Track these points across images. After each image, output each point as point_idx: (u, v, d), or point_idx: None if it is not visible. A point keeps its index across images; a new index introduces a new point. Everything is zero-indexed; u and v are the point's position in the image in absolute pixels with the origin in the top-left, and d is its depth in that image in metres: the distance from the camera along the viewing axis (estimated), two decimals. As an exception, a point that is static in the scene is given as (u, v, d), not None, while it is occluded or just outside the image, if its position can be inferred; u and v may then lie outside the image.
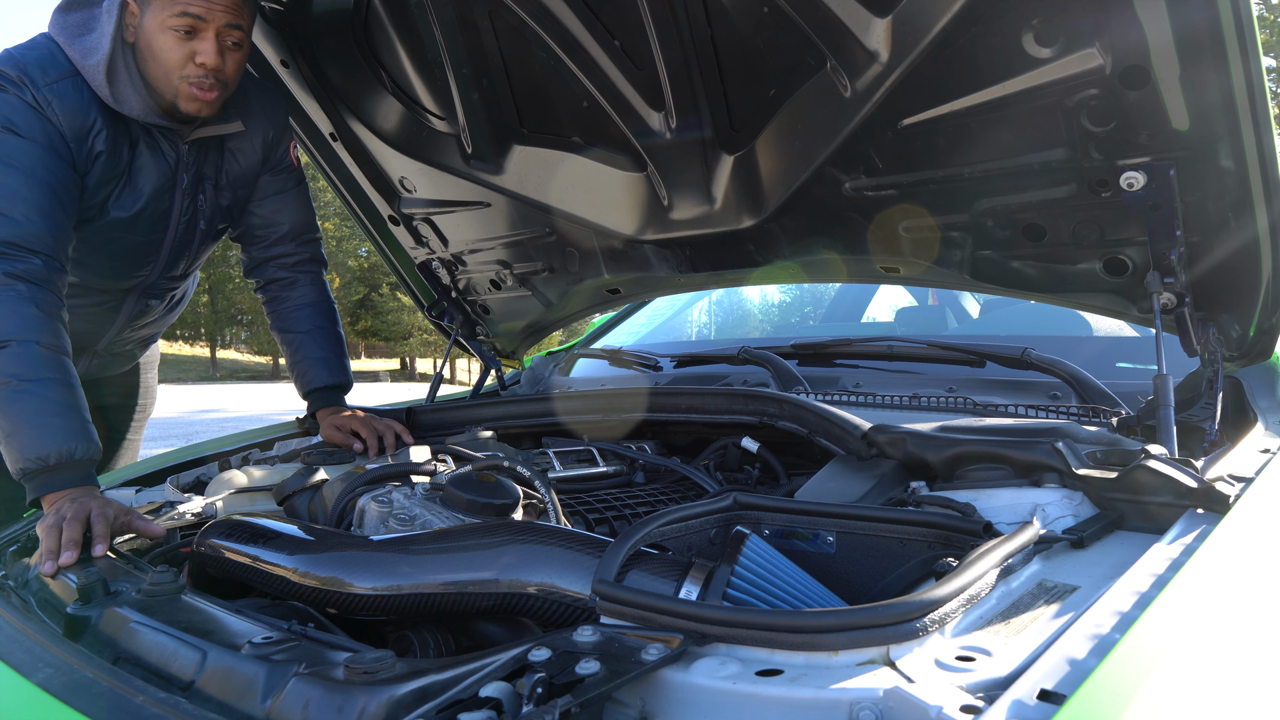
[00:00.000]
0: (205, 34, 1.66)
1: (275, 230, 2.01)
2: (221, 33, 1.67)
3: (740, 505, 1.12)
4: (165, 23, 1.64)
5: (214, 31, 1.66)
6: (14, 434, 1.47)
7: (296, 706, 0.79)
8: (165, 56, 1.66)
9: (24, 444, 1.47)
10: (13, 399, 1.48)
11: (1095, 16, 1.21)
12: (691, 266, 2.02)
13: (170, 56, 1.66)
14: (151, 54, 1.67)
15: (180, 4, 1.62)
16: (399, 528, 1.27)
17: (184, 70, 1.67)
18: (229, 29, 1.67)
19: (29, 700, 0.90)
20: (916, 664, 0.72)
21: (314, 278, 2.07)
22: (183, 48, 1.65)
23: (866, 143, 1.55)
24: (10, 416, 1.48)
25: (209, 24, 1.65)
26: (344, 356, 2.06)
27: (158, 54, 1.66)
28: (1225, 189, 1.29)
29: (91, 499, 1.41)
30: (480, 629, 1.10)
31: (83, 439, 1.51)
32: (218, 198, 1.92)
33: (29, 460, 1.46)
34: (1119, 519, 1.07)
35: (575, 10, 1.62)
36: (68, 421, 1.50)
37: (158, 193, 1.81)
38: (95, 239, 1.78)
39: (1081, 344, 2.10)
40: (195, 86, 1.68)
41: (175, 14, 1.63)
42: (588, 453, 1.73)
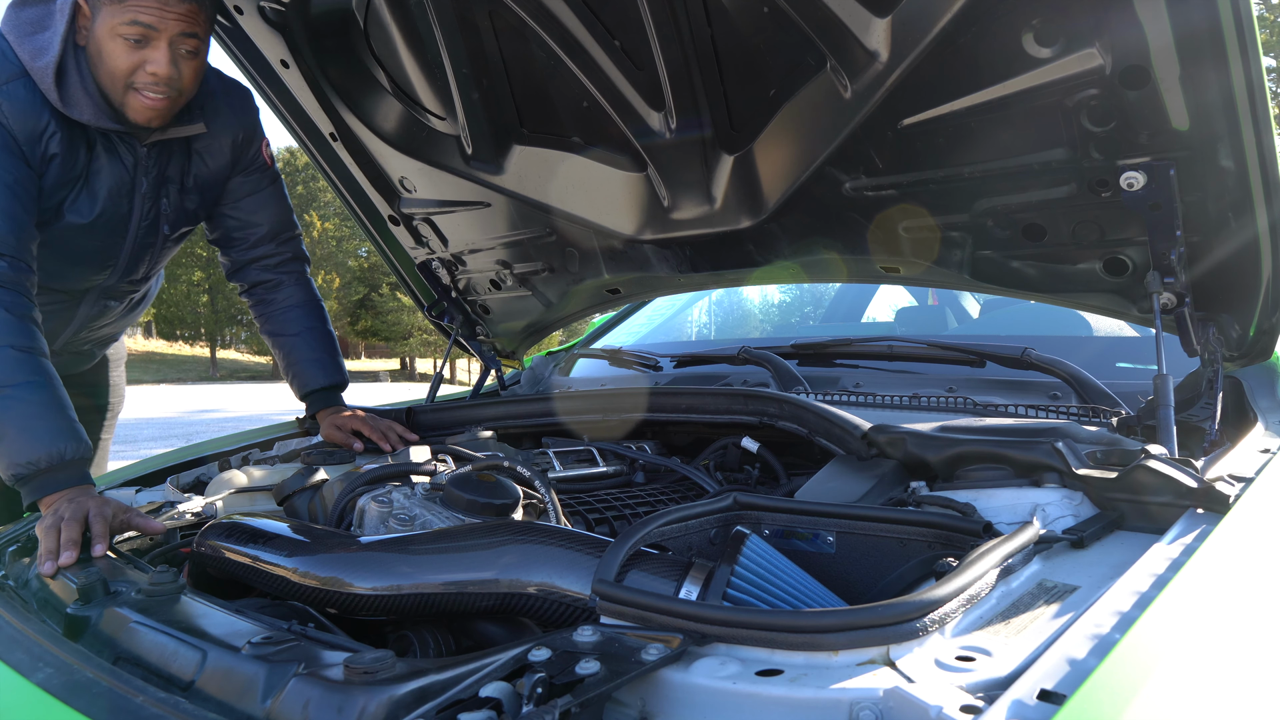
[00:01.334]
0: (157, 43, 1.60)
1: (254, 232, 1.98)
2: (175, 41, 1.62)
3: (740, 505, 1.12)
4: (115, 29, 1.58)
5: (167, 41, 1.61)
6: (1, 441, 1.46)
7: (296, 706, 0.79)
8: (114, 64, 1.61)
9: (13, 450, 1.45)
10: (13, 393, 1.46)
11: (1095, 16, 1.21)
12: (691, 266, 2.02)
13: (119, 64, 1.60)
14: (101, 61, 1.62)
15: (131, 12, 1.57)
16: (399, 528, 1.27)
17: (132, 78, 1.62)
18: (183, 38, 1.62)
19: (29, 700, 0.90)
20: (916, 664, 0.72)
21: (298, 277, 2.04)
22: (133, 56, 1.60)
23: (866, 143, 1.55)
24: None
25: (161, 33, 1.60)
26: (337, 355, 2.05)
27: (106, 60, 1.61)
28: (1225, 189, 1.29)
29: (89, 499, 1.41)
30: (480, 629, 1.10)
31: (72, 438, 1.49)
32: (183, 201, 1.88)
33: (20, 466, 1.46)
34: (1119, 519, 1.07)
35: (575, 10, 1.62)
36: (54, 423, 1.49)
37: (115, 197, 1.76)
38: (51, 242, 1.74)
39: (1081, 344, 2.10)
40: (144, 95, 1.63)
41: (126, 22, 1.58)
42: (588, 453, 1.73)
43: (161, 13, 1.58)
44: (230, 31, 2.00)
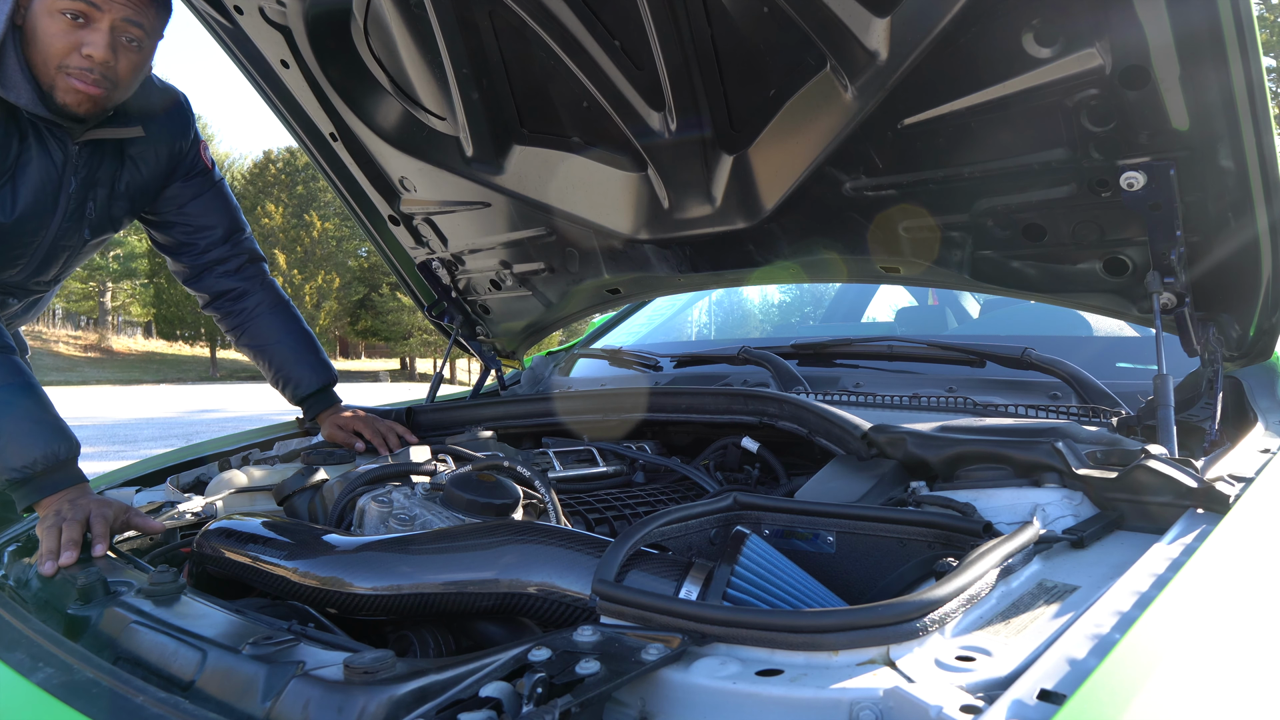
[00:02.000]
0: (98, 24, 1.53)
1: (204, 235, 1.93)
2: (117, 26, 1.54)
3: (740, 505, 1.12)
4: (55, 5, 1.50)
5: (109, 24, 1.53)
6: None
7: (296, 706, 0.79)
8: (49, 42, 1.52)
9: (7, 455, 1.43)
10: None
11: (1095, 16, 1.21)
12: (691, 266, 2.02)
13: (55, 43, 1.52)
14: (36, 39, 1.53)
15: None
16: (399, 528, 1.27)
17: (66, 59, 1.53)
18: (127, 24, 1.55)
19: (29, 700, 0.90)
20: (916, 664, 0.72)
21: (261, 280, 2.00)
22: (70, 36, 1.52)
23: (866, 143, 1.55)
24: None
25: (104, 13, 1.52)
26: (321, 352, 2.01)
27: (41, 38, 1.52)
28: (1225, 189, 1.29)
29: (88, 499, 1.41)
30: (480, 629, 1.10)
31: (63, 439, 1.47)
32: (110, 206, 1.81)
33: (15, 471, 1.43)
34: (1119, 519, 1.07)
35: (575, 10, 1.62)
36: (42, 424, 1.46)
37: (40, 194, 1.68)
38: None
39: (1081, 344, 2.10)
40: (76, 78, 1.54)
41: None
42: (588, 453, 1.73)
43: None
44: (230, 31, 2.00)
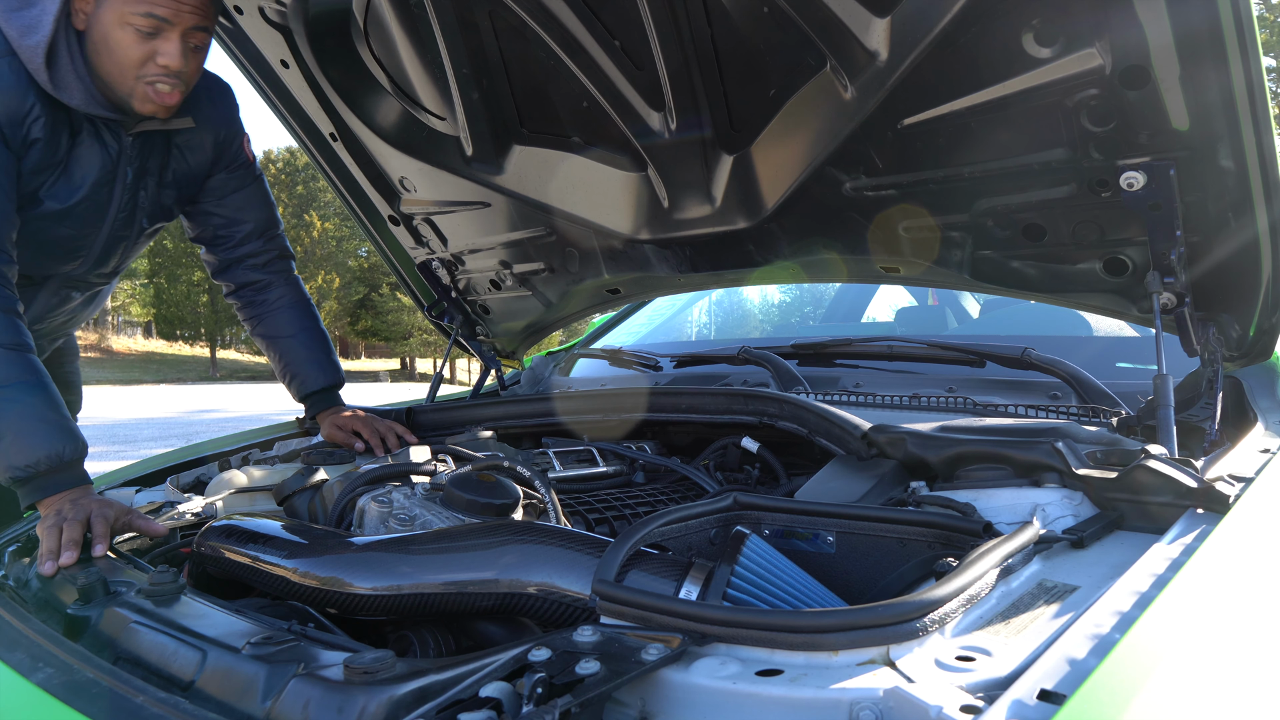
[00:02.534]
0: (169, 35, 1.56)
1: (240, 229, 1.95)
2: (187, 34, 1.58)
3: (740, 505, 1.12)
4: (125, 18, 1.53)
5: (179, 33, 1.57)
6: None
7: (296, 706, 0.79)
8: (123, 54, 1.56)
9: (11, 453, 1.43)
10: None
11: (1095, 16, 1.21)
12: (691, 266, 2.02)
13: (128, 55, 1.56)
14: (107, 49, 1.56)
15: (145, 4, 1.53)
16: (399, 528, 1.27)
17: (142, 70, 1.57)
18: (194, 31, 1.59)
19: (29, 700, 0.90)
20: (916, 664, 0.72)
21: (287, 276, 2.02)
22: (143, 47, 1.56)
23: (866, 143, 1.55)
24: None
25: (174, 26, 1.56)
26: (333, 354, 2.03)
27: (114, 50, 1.56)
28: (1225, 189, 1.29)
29: (90, 499, 1.41)
30: (480, 629, 1.10)
31: (69, 439, 1.47)
32: (160, 195, 1.84)
33: (19, 469, 1.43)
34: (1119, 519, 1.07)
35: (575, 10, 1.62)
36: (50, 424, 1.46)
37: (96, 185, 1.70)
38: (23, 228, 1.69)
39: (1081, 344, 2.10)
40: (154, 88, 1.59)
41: (139, 13, 1.53)
42: (588, 453, 1.73)
43: (177, 4, 1.54)
44: (230, 31, 2.00)
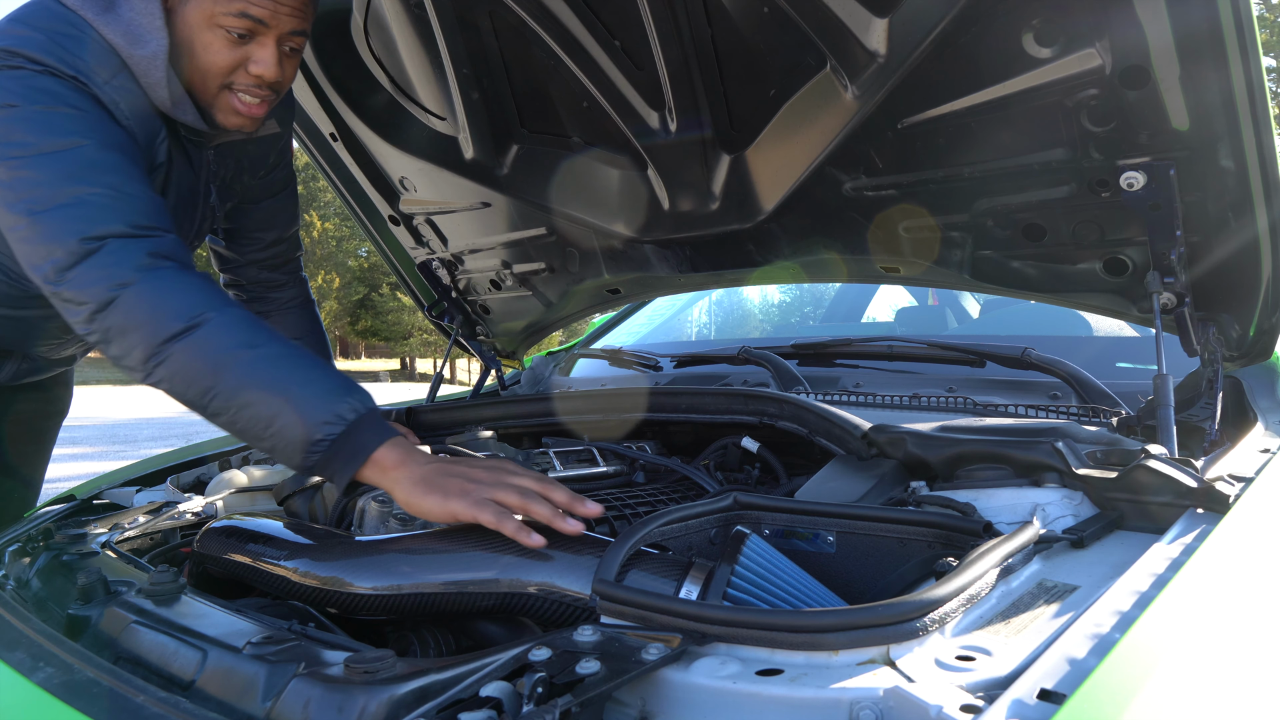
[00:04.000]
0: (265, 40, 1.39)
1: (271, 231, 1.89)
2: (283, 39, 1.40)
3: (740, 505, 1.12)
4: (216, 18, 1.35)
5: (275, 38, 1.39)
6: (284, 405, 1.15)
7: (297, 706, 0.79)
8: (210, 58, 1.38)
9: (306, 408, 1.14)
10: (257, 367, 1.17)
11: (1095, 16, 1.21)
12: (691, 266, 2.01)
13: (216, 59, 1.38)
14: (191, 51, 1.38)
15: (240, 2, 1.34)
16: (399, 527, 1.27)
17: (230, 78, 1.41)
18: (292, 35, 1.41)
19: (29, 700, 0.90)
20: (916, 663, 0.72)
21: (298, 275, 1.98)
22: (234, 52, 1.38)
23: (866, 143, 1.55)
24: (265, 386, 1.16)
25: (271, 29, 1.38)
26: (332, 357, 1.99)
27: (199, 53, 1.38)
28: (1225, 189, 1.29)
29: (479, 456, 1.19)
30: (480, 629, 1.10)
31: (356, 385, 1.22)
32: (225, 199, 1.72)
33: (325, 424, 1.14)
34: (1119, 519, 1.07)
35: (575, 10, 1.62)
36: (330, 370, 1.23)
37: (182, 208, 1.56)
38: None
39: (1081, 344, 2.10)
40: (241, 97, 1.42)
41: (232, 13, 1.35)
42: (588, 453, 1.73)
43: (275, 5, 1.36)
44: (230, 31, 1.99)
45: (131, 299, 1.20)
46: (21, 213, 1.24)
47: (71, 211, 1.23)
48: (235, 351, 1.17)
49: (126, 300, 1.19)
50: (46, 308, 1.56)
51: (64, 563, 1.29)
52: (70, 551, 1.33)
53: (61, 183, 1.24)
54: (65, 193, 1.24)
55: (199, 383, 1.17)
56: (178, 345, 1.17)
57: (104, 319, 1.20)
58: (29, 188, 1.24)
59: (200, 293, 1.22)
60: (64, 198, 1.23)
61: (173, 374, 1.18)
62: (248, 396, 1.16)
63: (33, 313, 1.59)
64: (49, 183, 1.24)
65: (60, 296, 1.24)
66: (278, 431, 1.15)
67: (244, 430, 1.18)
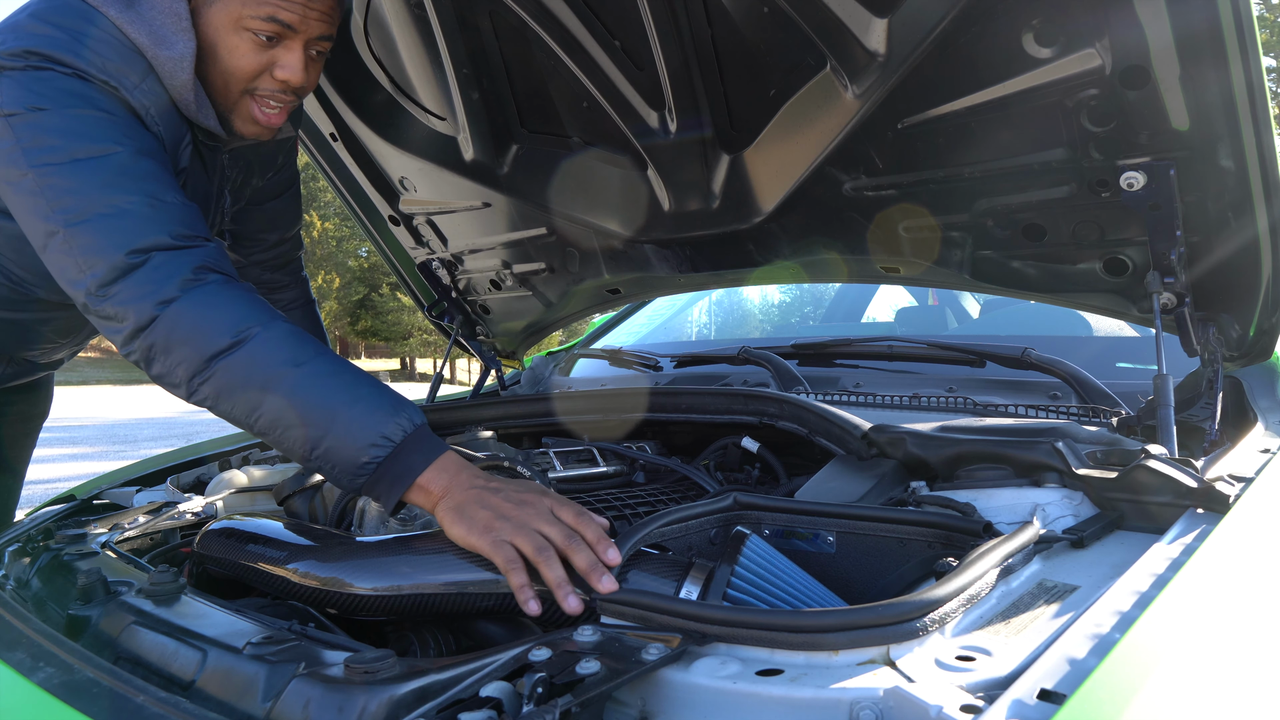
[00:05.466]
0: (293, 44, 1.35)
1: (275, 232, 1.90)
2: (310, 43, 1.37)
3: (740, 505, 1.12)
4: (243, 21, 1.32)
5: (302, 42, 1.36)
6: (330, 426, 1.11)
7: (297, 706, 0.79)
8: (235, 62, 1.35)
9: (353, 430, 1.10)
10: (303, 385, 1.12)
11: (1095, 16, 1.21)
12: (691, 266, 2.02)
13: (242, 63, 1.35)
14: (215, 55, 1.35)
15: (269, 6, 1.31)
16: (399, 527, 1.27)
17: (255, 82, 1.38)
18: (319, 40, 1.38)
19: (29, 700, 0.90)
20: (916, 664, 0.72)
21: (299, 276, 1.97)
22: (260, 55, 1.35)
23: (866, 143, 1.55)
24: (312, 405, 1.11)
25: (299, 34, 1.35)
26: None
27: (224, 57, 1.35)
28: (1225, 189, 1.29)
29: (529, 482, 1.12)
30: (480, 629, 1.10)
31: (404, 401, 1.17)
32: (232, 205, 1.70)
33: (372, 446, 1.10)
34: (1119, 519, 1.07)
35: (575, 10, 1.62)
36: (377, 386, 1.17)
37: None
38: None
39: (1081, 344, 2.10)
40: (264, 102, 1.39)
41: (261, 17, 1.31)
42: (588, 453, 1.73)
43: (305, 9, 1.33)
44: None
45: (175, 316, 1.15)
46: (58, 223, 1.19)
47: (112, 223, 1.18)
48: (281, 369, 1.13)
49: (170, 318, 1.15)
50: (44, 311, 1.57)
51: (64, 563, 1.29)
52: (70, 551, 1.32)
53: (98, 191, 1.19)
54: (103, 202, 1.19)
55: (245, 402, 1.13)
56: (221, 363, 1.13)
57: (146, 337, 1.16)
58: (63, 195, 1.19)
59: (245, 306, 1.17)
60: (102, 207, 1.19)
61: (217, 393, 1.14)
62: (294, 417, 1.12)
63: (29, 316, 1.57)
64: (84, 191, 1.19)
65: (100, 314, 1.19)
66: (325, 454, 1.12)
67: (291, 451, 1.14)
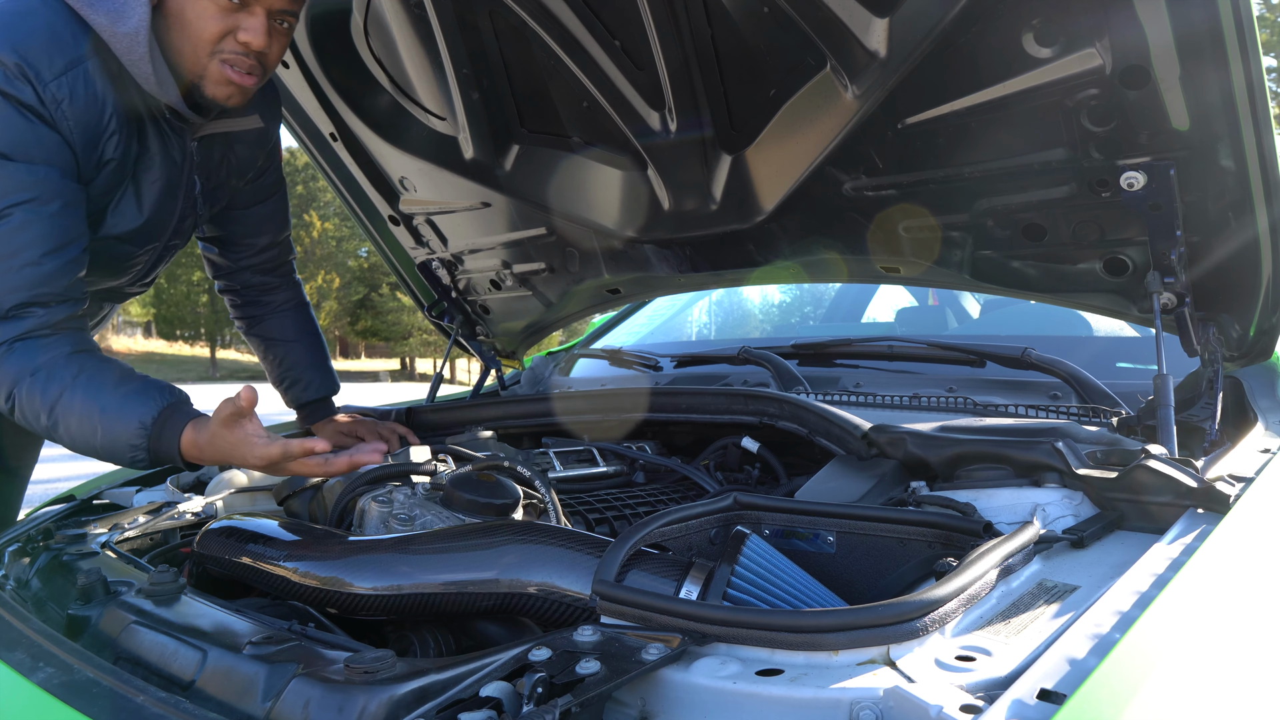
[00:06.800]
0: (255, 9, 1.41)
1: (263, 237, 1.86)
2: (274, 14, 1.42)
3: (740, 505, 1.12)
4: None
5: (265, 10, 1.41)
6: (99, 425, 1.31)
7: (297, 706, 0.79)
8: (200, 26, 1.39)
9: (113, 426, 1.31)
10: (72, 403, 1.32)
11: (1095, 16, 1.21)
12: (691, 266, 2.02)
13: (207, 27, 1.39)
14: (181, 24, 1.39)
15: None
16: (399, 528, 1.27)
17: (219, 45, 1.41)
18: (284, 13, 1.44)
19: (29, 700, 0.90)
20: (917, 664, 0.72)
21: (291, 278, 1.96)
22: (224, 20, 1.39)
23: (866, 143, 1.55)
24: (78, 412, 1.32)
25: (261, 1, 1.41)
26: (329, 360, 1.97)
27: (191, 22, 1.39)
28: (1225, 189, 1.29)
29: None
30: (480, 629, 1.10)
31: (159, 384, 1.37)
32: (213, 199, 1.70)
33: (133, 435, 1.31)
34: (1119, 519, 1.07)
35: (575, 10, 1.62)
36: (131, 381, 1.35)
37: (162, 198, 1.55)
38: None
39: (1081, 344, 2.10)
40: (231, 67, 1.42)
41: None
42: (588, 453, 1.73)
43: None
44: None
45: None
46: None
47: None
48: (59, 388, 1.33)
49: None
50: None
51: (64, 563, 1.29)
52: (70, 551, 1.33)
53: None
54: None
55: (38, 424, 1.36)
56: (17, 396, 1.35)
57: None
58: None
59: (40, 353, 1.35)
60: None
61: (22, 413, 1.36)
62: (74, 435, 1.35)
63: None
64: None
65: None
66: (104, 450, 1.34)
67: (84, 450, 1.37)
